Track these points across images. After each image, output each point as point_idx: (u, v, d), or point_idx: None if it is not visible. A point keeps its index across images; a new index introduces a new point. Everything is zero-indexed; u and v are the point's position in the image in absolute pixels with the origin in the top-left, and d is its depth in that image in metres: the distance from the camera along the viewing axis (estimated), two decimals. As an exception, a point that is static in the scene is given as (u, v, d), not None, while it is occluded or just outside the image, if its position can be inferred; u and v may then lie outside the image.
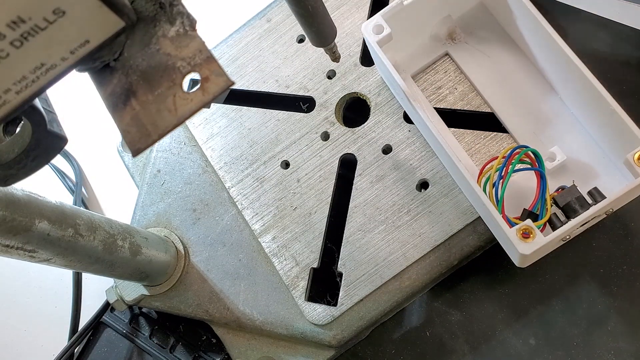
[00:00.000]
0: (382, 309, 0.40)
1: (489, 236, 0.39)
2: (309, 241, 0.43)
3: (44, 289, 0.56)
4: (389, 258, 0.40)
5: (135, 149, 0.21)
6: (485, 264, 0.42)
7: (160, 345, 0.47)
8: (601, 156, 0.38)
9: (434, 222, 0.40)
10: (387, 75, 0.41)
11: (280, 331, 0.42)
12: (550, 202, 0.35)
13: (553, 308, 0.39)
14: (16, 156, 0.23)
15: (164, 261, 0.44)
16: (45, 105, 0.23)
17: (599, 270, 0.39)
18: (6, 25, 0.18)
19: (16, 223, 0.30)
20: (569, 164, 0.38)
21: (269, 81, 0.48)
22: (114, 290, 0.45)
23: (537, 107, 0.40)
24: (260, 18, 0.50)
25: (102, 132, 0.60)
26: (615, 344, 0.38)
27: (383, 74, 0.44)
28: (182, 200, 0.48)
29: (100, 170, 0.59)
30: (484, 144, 0.41)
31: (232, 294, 0.44)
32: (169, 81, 0.21)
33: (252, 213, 0.45)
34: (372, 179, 0.43)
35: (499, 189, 0.35)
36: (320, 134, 0.45)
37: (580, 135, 0.39)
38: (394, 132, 0.43)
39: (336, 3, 0.48)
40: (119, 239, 0.38)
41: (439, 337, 0.41)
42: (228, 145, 0.48)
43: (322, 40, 0.36)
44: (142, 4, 0.22)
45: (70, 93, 0.58)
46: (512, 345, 0.40)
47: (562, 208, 0.35)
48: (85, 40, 0.20)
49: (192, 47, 0.21)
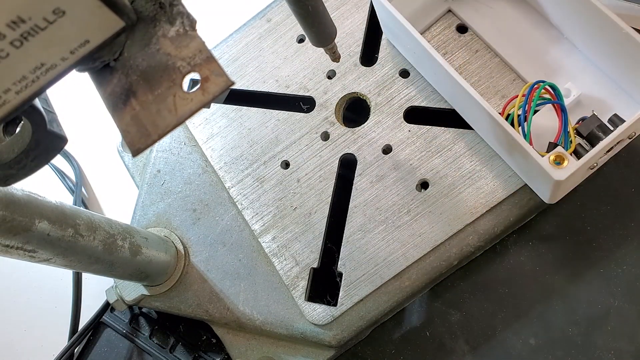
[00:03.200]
0: (382, 309, 0.40)
1: (489, 236, 0.40)
2: (309, 241, 0.43)
3: (44, 289, 0.56)
4: (389, 258, 0.40)
5: (135, 149, 0.21)
6: (485, 264, 0.42)
7: (160, 345, 0.47)
8: (615, 88, 0.39)
9: (434, 222, 0.40)
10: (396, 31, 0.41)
11: (280, 331, 0.42)
12: (574, 134, 0.35)
13: (553, 308, 0.39)
14: (16, 156, 0.23)
15: (164, 261, 0.44)
16: (45, 105, 0.23)
17: (599, 270, 0.39)
18: (6, 25, 0.18)
19: (16, 223, 0.29)
20: (584, 99, 0.39)
21: (269, 81, 0.48)
22: (114, 290, 0.45)
23: (546, 52, 0.41)
24: (260, 18, 0.50)
25: (102, 132, 0.60)
26: (615, 344, 0.38)
27: (390, 33, 0.44)
28: (182, 200, 0.48)
29: (100, 170, 0.59)
30: (484, 144, 0.41)
31: (232, 294, 0.44)
32: (169, 81, 0.21)
33: (252, 213, 0.45)
34: (372, 179, 0.43)
35: (525, 125, 0.35)
36: (320, 134, 0.45)
37: (592, 72, 0.40)
38: (394, 132, 0.43)
39: (336, 3, 0.48)
40: (119, 239, 0.38)
41: (439, 337, 0.41)
42: (228, 145, 0.48)
43: (322, 40, 0.36)
44: (142, 4, 0.22)
45: (70, 93, 0.58)
46: (512, 345, 0.40)
47: (586, 137, 0.35)
48: (85, 40, 0.20)
49: (192, 47, 0.21)
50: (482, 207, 0.40)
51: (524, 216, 0.40)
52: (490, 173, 0.40)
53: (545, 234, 0.41)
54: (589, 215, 0.40)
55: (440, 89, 0.43)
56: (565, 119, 0.35)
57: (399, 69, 0.45)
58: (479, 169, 0.40)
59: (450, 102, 0.42)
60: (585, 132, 0.35)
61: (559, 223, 0.41)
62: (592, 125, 0.35)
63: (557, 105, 0.36)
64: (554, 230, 0.41)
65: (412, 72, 0.44)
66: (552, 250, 0.41)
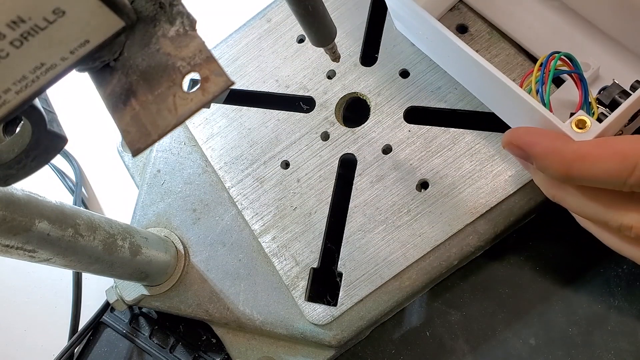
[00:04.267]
0: (382, 309, 0.40)
1: (489, 236, 0.39)
2: (309, 241, 0.43)
3: (44, 289, 0.56)
4: (389, 258, 0.40)
5: (135, 149, 0.21)
6: (485, 264, 0.42)
7: (160, 345, 0.47)
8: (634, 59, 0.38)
9: (434, 222, 0.40)
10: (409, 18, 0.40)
11: (280, 331, 0.42)
12: (596, 104, 0.34)
13: (553, 308, 0.39)
14: (16, 156, 0.23)
15: (164, 261, 0.44)
16: (45, 105, 0.23)
17: (599, 270, 0.39)
18: (6, 25, 0.18)
19: (16, 223, 0.29)
20: (603, 73, 0.38)
21: (269, 81, 0.48)
22: (114, 290, 0.45)
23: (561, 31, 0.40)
24: (260, 18, 0.50)
25: (102, 132, 0.60)
26: (615, 344, 0.38)
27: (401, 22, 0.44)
28: (182, 200, 0.48)
29: (100, 170, 0.59)
30: (484, 144, 0.41)
31: (232, 294, 0.44)
32: (169, 81, 0.21)
33: (252, 213, 0.45)
34: (372, 179, 0.43)
35: (544, 95, 0.34)
36: (320, 134, 0.45)
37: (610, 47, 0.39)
38: (394, 132, 0.43)
39: (336, 3, 0.48)
40: (119, 239, 0.38)
41: (439, 337, 0.41)
42: (228, 145, 0.48)
43: (322, 40, 0.36)
44: (142, 4, 0.22)
45: (70, 93, 0.58)
46: (512, 345, 0.40)
47: (609, 106, 0.34)
48: (85, 40, 0.20)
49: (192, 47, 0.21)
50: (482, 207, 0.40)
51: (524, 216, 0.40)
52: (490, 173, 0.40)
53: (545, 233, 0.41)
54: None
55: (457, 75, 0.42)
56: (585, 88, 0.34)
57: (399, 69, 0.45)
58: (479, 169, 0.40)
59: (468, 87, 0.41)
60: (607, 100, 0.34)
61: (559, 223, 0.41)
62: (613, 93, 0.34)
63: (575, 75, 0.34)
64: (554, 230, 0.41)
65: (412, 72, 0.44)
66: (552, 250, 0.41)
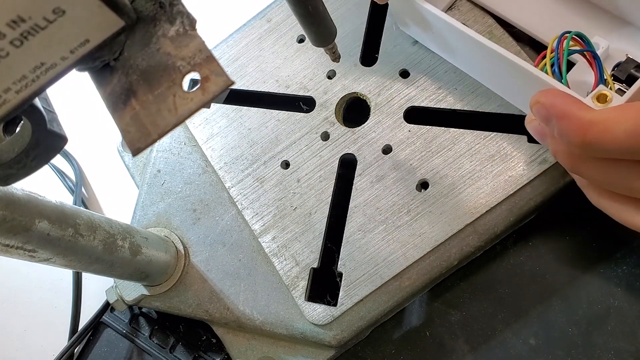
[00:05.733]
0: (382, 309, 0.40)
1: (489, 236, 0.39)
2: (309, 241, 0.43)
3: (44, 289, 0.56)
4: (389, 258, 0.40)
5: (135, 149, 0.21)
6: (485, 264, 0.42)
7: (160, 345, 0.47)
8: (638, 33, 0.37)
9: (434, 222, 0.40)
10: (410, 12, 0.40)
11: (280, 331, 0.42)
12: (612, 80, 0.34)
13: (553, 308, 0.39)
14: (16, 156, 0.23)
15: (164, 261, 0.44)
16: (45, 104, 0.23)
17: (599, 270, 0.39)
18: (6, 25, 0.18)
19: (16, 223, 0.29)
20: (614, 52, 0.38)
21: (269, 81, 0.48)
22: (114, 290, 0.45)
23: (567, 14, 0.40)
24: (260, 18, 0.50)
25: (102, 132, 0.60)
26: (615, 344, 0.38)
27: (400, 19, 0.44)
28: (182, 200, 0.48)
29: (100, 170, 0.59)
30: (484, 144, 0.41)
31: (232, 294, 0.44)
32: (169, 81, 0.21)
33: (252, 213, 0.45)
34: (372, 179, 0.43)
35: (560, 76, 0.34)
36: (320, 134, 0.45)
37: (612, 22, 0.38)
38: (394, 132, 0.43)
39: (336, 3, 0.48)
40: (119, 238, 0.38)
41: (439, 337, 0.41)
42: (228, 145, 0.48)
43: (322, 40, 0.36)
44: (142, 4, 0.22)
45: (70, 93, 0.58)
46: (512, 345, 0.40)
47: (625, 81, 0.34)
48: (85, 40, 0.20)
49: (192, 46, 0.21)
50: (482, 207, 0.40)
51: (524, 216, 0.40)
52: (490, 173, 0.40)
53: (545, 234, 0.41)
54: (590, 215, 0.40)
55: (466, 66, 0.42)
56: (600, 66, 0.34)
57: (399, 69, 0.45)
58: (479, 169, 0.40)
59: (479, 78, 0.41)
60: (623, 76, 0.34)
61: (559, 223, 0.41)
62: (629, 68, 0.34)
63: (588, 54, 0.34)
64: (554, 230, 0.41)
65: (412, 72, 0.44)
66: (552, 250, 0.41)
